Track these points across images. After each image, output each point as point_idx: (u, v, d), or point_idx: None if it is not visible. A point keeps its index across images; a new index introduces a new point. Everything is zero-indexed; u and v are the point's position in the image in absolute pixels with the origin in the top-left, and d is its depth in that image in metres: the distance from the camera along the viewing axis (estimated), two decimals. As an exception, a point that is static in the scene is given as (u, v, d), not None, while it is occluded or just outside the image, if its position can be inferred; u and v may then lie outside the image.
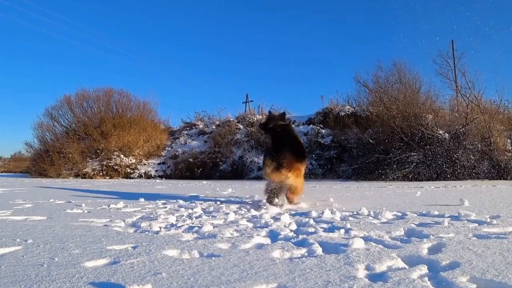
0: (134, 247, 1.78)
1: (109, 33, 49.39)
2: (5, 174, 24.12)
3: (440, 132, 9.95)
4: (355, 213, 2.97)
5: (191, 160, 15.35)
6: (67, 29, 43.46)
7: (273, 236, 2.08)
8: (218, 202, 4.00)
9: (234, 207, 3.58)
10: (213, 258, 1.55)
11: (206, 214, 3.06)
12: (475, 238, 1.89)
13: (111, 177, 15.75)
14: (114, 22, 51.20)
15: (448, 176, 9.36)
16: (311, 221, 2.50)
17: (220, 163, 14.86)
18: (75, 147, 16.25)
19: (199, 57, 51.83)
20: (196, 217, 2.86)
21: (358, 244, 1.74)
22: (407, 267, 1.42)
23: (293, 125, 3.53)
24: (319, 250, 1.68)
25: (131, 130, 16.98)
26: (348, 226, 2.29)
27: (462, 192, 5.22)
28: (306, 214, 2.92)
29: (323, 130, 14.78)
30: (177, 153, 16.39)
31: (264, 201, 4.09)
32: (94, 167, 16.06)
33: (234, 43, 51.49)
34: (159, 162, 16.66)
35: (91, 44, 46.73)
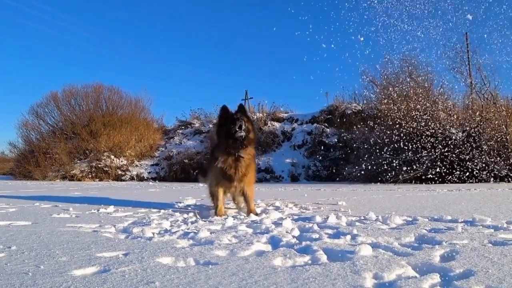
0: (125, 254, 1.78)
1: (99, 27, 49.27)
2: (-13, 176, 24.13)
3: (453, 131, 9.96)
4: (362, 218, 2.97)
5: (186, 161, 15.35)
6: (54, 22, 43.37)
7: (275, 242, 2.08)
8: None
9: (232, 211, 3.58)
10: (210, 266, 1.56)
11: (203, 219, 3.06)
12: (490, 245, 1.89)
13: (100, 179, 15.76)
14: (104, 15, 51.14)
15: (462, 178, 9.36)
16: (315, 227, 2.50)
17: (218, 164, 14.84)
18: (62, 147, 16.26)
19: (195, 52, 51.77)
20: (192, 222, 2.86)
21: (366, 251, 1.74)
22: (418, 275, 1.42)
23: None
24: (323, 258, 1.68)
25: (122, 129, 16.99)
26: (355, 232, 2.29)
27: (477, 195, 5.22)
28: (309, 219, 2.92)
29: (328, 129, 14.79)
30: (171, 154, 16.39)
31: (265, 205, 4.10)
32: (82, 169, 16.07)
33: (232, 37, 51.43)
34: (152, 163, 16.68)
35: (80, 38, 46.63)
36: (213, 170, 3.27)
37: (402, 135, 10.71)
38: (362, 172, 11.08)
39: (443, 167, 9.62)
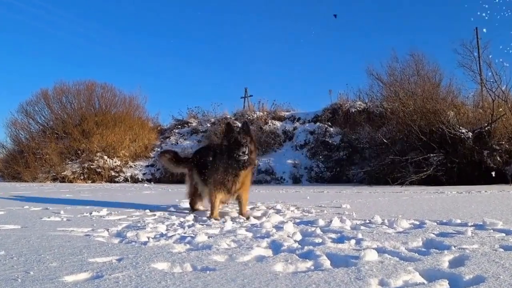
0: (119, 260, 1.78)
1: (91, 21, 49.16)
2: (-26, 177, 24.12)
3: (463, 130, 9.96)
4: (368, 221, 2.98)
5: (183, 162, 15.34)
6: (44, 15, 43.28)
7: (275, 247, 2.08)
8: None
9: (231, 214, 3.58)
10: (208, 272, 1.56)
11: (200, 223, 3.06)
12: (502, 250, 1.89)
13: (93, 181, 15.76)
14: (97, 8, 51.10)
15: (472, 180, 9.36)
16: (318, 231, 2.50)
17: (216, 165, 14.84)
18: (53, 147, 16.26)
19: (191, 47, 51.68)
20: (189, 226, 2.87)
21: (371, 256, 1.74)
22: (425, 282, 1.42)
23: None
24: (327, 263, 1.68)
25: (115, 129, 16.99)
26: (360, 236, 2.29)
27: (488, 197, 5.22)
28: (312, 223, 2.92)
29: (332, 129, 14.79)
30: (167, 154, 16.38)
31: (265, 208, 4.10)
32: (74, 170, 16.08)
33: (231, 31, 51.38)
34: (147, 164, 16.68)
35: (71, 33, 46.52)
36: (212, 178, 3.54)
37: (409, 134, 10.72)
38: (367, 174, 11.09)
39: (452, 168, 9.63)
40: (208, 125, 17.45)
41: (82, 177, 15.98)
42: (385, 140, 11.14)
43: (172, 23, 51.05)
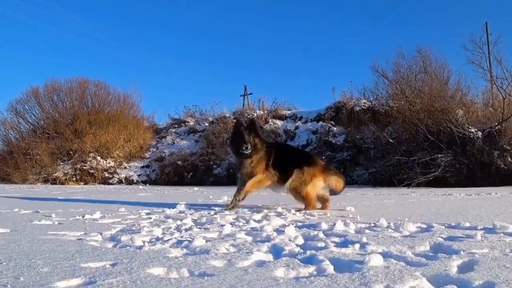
0: (113, 265, 1.78)
1: (84, 16, 49.20)
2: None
3: (472, 130, 9.97)
4: (373, 225, 2.98)
5: (179, 163, 15.37)
6: (36, 10, 43.33)
7: (276, 251, 2.08)
8: (212, 212, 4.01)
9: (230, 217, 3.58)
10: (206, 277, 1.56)
11: (198, 226, 3.06)
12: (513, 254, 1.89)
13: (86, 183, 15.77)
14: (90, 2, 51.07)
15: (482, 181, 9.37)
16: (321, 234, 2.50)
17: (214, 166, 14.87)
18: (44, 147, 16.27)
19: (189, 44, 51.65)
20: (186, 230, 2.87)
21: (376, 261, 1.74)
22: (433, 288, 1.42)
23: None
24: (330, 268, 1.68)
25: (109, 128, 17.00)
26: (364, 240, 2.29)
27: (498, 200, 5.22)
28: (314, 226, 2.92)
29: (335, 128, 14.80)
30: (163, 155, 16.41)
31: (266, 210, 4.11)
32: (66, 171, 16.09)
33: (230, 27, 51.35)
34: (142, 165, 16.69)
35: (63, 28, 46.62)
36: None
37: (416, 134, 10.73)
38: (372, 175, 11.10)
39: (461, 169, 9.63)
40: (206, 124, 17.45)
41: (74, 179, 15.98)
42: (390, 140, 11.15)
43: (168, 18, 51.09)
